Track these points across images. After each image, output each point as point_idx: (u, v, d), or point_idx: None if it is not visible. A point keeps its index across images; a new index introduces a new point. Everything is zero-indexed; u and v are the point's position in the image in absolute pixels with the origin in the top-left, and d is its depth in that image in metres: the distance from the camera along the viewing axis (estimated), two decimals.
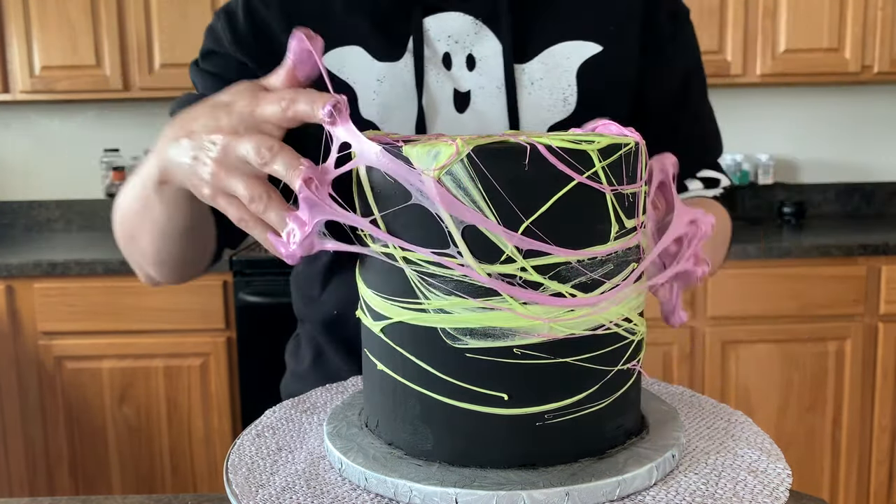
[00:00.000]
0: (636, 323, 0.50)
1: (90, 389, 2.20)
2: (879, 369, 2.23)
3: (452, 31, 0.79)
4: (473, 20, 0.79)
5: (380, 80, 0.78)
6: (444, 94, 0.79)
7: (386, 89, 0.78)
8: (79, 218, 2.83)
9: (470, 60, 0.79)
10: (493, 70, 0.79)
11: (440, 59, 0.79)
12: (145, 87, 2.43)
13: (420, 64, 0.78)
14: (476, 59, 0.79)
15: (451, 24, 0.79)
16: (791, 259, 2.19)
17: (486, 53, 0.79)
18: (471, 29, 0.79)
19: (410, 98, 0.78)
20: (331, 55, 0.79)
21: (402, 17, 0.79)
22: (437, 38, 0.79)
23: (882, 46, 2.41)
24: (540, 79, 0.79)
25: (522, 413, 0.46)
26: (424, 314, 0.46)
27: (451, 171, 0.44)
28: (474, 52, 0.79)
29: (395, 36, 0.79)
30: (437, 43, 0.79)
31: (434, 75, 0.79)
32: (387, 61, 0.79)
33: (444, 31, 0.79)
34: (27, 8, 2.39)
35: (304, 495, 0.47)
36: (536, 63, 0.79)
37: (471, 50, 0.79)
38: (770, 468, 0.49)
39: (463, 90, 0.79)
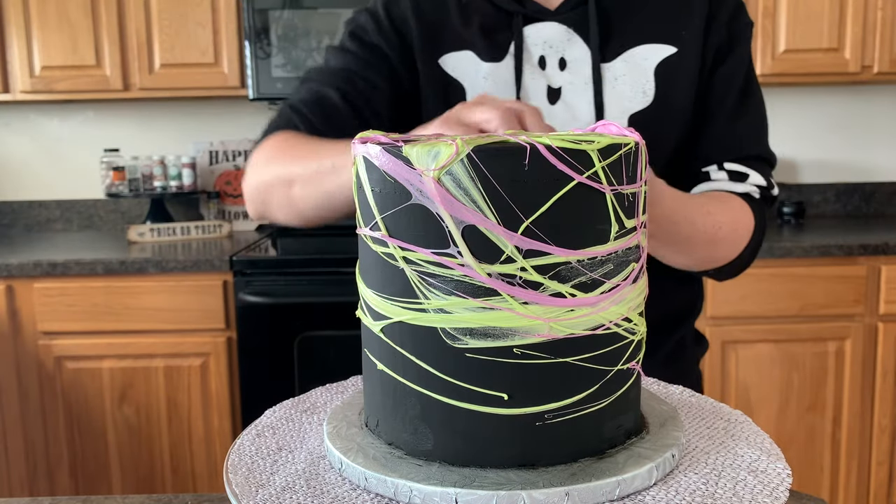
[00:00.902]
0: (636, 323, 0.50)
1: (90, 389, 2.20)
2: (879, 369, 2.23)
3: (548, 37, 0.93)
4: (566, 29, 0.93)
5: (485, 77, 0.93)
6: (538, 89, 0.93)
7: (490, 86, 0.92)
8: (79, 218, 2.83)
9: (562, 62, 0.93)
10: (581, 69, 0.92)
11: (536, 61, 0.93)
12: (145, 87, 2.43)
13: (519, 65, 0.92)
14: (567, 62, 0.93)
15: (546, 32, 0.93)
16: (791, 259, 2.19)
17: (576, 56, 0.92)
18: (563, 36, 0.93)
19: (509, 92, 0.92)
20: (448, 57, 0.94)
21: (506, 26, 0.93)
22: (535, 44, 0.93)
23: (882, 46, 2.41)
24: (623, 75, 0.92)
25: (522, 413, 0.46)
26: (424, 314, 0.46)
27: (451, 171, 0.44)
28: (566, 55, 0.93)
29: (499, 42, 0.93)
30: (534, 48, 0.93)
31: (530, 74, 0.93)
32: (491, 62, 0.93)
33: (541, 37, 0.93)
34: (27, 8, 2.39)
35: (304, 495, 0.47)
36: (619, 62, 0.92)
37: (563, 54, 0.93)
38: (770, 468, 0.49)
39: (555, 86, 0.93)
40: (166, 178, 2.62)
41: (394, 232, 0.47)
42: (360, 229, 0.50)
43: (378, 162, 0.47)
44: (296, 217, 0.87)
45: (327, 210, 0.84)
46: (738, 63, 0.95)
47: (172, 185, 2.63)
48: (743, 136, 0.95)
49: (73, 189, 2.82)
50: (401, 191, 0.46)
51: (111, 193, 2.61)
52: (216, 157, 2.81)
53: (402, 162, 0.46)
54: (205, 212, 2.83)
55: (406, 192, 0.46)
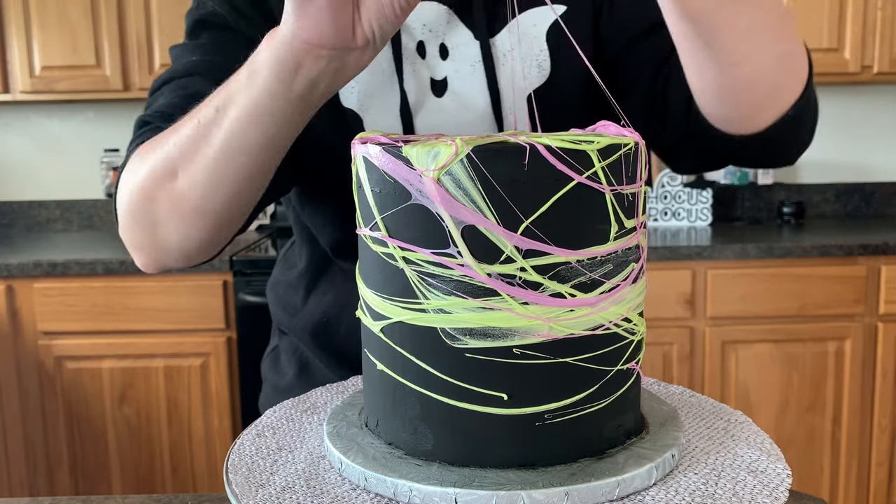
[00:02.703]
0: (636, 323, 0.50)
1: (90, 389, 2.20)
2: (879, 369, 2.23)
3: (427, 19, 0.79)
4: (447, 10, 0.79)
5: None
6: (421, 81, 0.79)
7: (365, 77, 0.78)
8: (79, 218, 2.83)
9: (443, 49, 0.79)
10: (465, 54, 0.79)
11: (414, 47, 0.79)
12: (145, 87, 2.43)
13: (399, 51, 0.78)
14: (449, 49, 0.79)
15: (425, 14, 0.79)
16: (791, 259, 2.19)
17: (458, 42, 0.79)
18: (443, 18, 0.79)
19: (390, 85, 0.78)
20: None
21: None
22: (413, 27, 0.79)
23: (882, 46, 2.41)
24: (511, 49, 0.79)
25: (522, 413, 0.46)
26: (424, 314, 0.46)
27: (451, 171, 0.44)
28: (446, 41, 0.79)
29: None
30: (413, 31, 0.79)
31: (410, 64, 0.79)
32: None
33: (419, 19, 0.79)
34: (27, 8, 2.39)
35: (303, 495, 0.47)
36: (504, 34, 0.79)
37: (443, 39, 0.79)
38: (770, 468, 0.49)
39: (438, 78, 0.79)
40: None
41: (393, 232, 0.47)
42: (360, 229, 0.50)
43: (378, 162, 0.47)
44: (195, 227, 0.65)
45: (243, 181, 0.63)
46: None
47: None
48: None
49: (73, 189, 2.82)
50: (400, 191, 0.46)
51: (111, 193, 2.61)
52: None
53: (401, 162, 0.46)
54: None
55: (406, 192, 0.46)
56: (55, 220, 2.82)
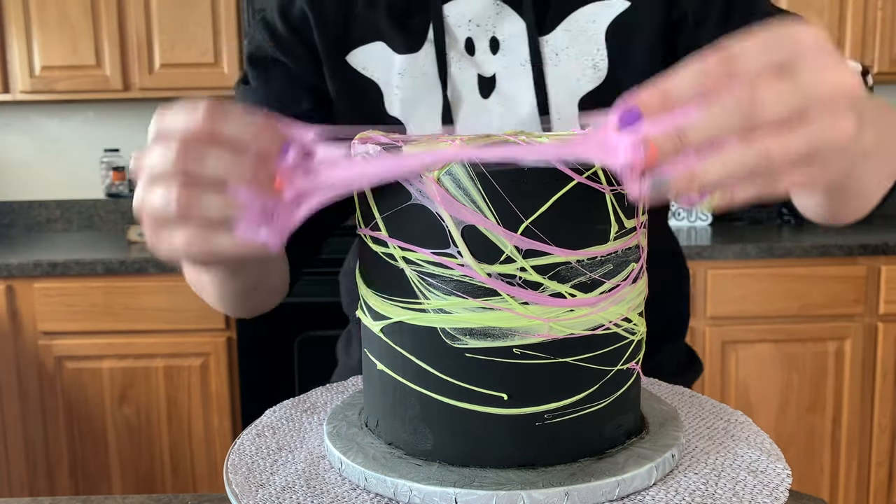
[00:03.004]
0: (636, 323, 0.50)
1: (90, 389, 2.20)
2: (879, 369, 2.23)
3: (473, 14, 0.76)
4: (494, 1, 0.76)
5: (401, 73, 0.76)
6: (467, 80, 0.76)
7: (408, 83, 0.76)
8: (79, 218, 2.83)
9: (493, 43, 0.76)
10: (517, 49, 0.75)
11: (462, 45, 0.76)
12: (145, 87, 2.43)
13: (442, 52, 0.75)
14: (500, 41, 0.76)
15: (471, 8, 0.76)
16: (791, 259, 2.19)
17: (510, 33, 0.76)
18: (492, 10, 0.76)
19: (433, 89, 0.76)
20: (355, 54, 0.77)
21: (421, 7, 0.76)
22: (458, 24, 0.76)
23: (882, 46, 2.41)
24: (565, 48, 0.75)
25: (522, 413, 0.46)
26: (424, 314, 0.46)
27: (451, 171, 0.44)
28: (497, 33, 0.76)
29: (415, 26, 0.76)
30: (458, 29, 0.76)
31: (457, 62, 0.76)
32: (405, 53, 0.76)
33: (465, 15, 0.76)
34: (27, 8, 2.39)
35: (303, 495, 0.47)
36: (560, 32, 0.75)
37: (493, 32, 0.76)
38: (770, 468, 0.49)
39: (487, 75, 0.76)
40: None
41: (394, 232, 0.47)
42: (360, 229, 0.50)
43: None
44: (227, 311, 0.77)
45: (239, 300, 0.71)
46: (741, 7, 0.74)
47: None
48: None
49: (73, 189, 2.82)
50: (401, 191, 0.46)
51: (111, 193, 2.61)
52: None
53: None
54: None
55: (406, 192, 0.46)
56: (55, 220, 2.82)
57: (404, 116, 0.76)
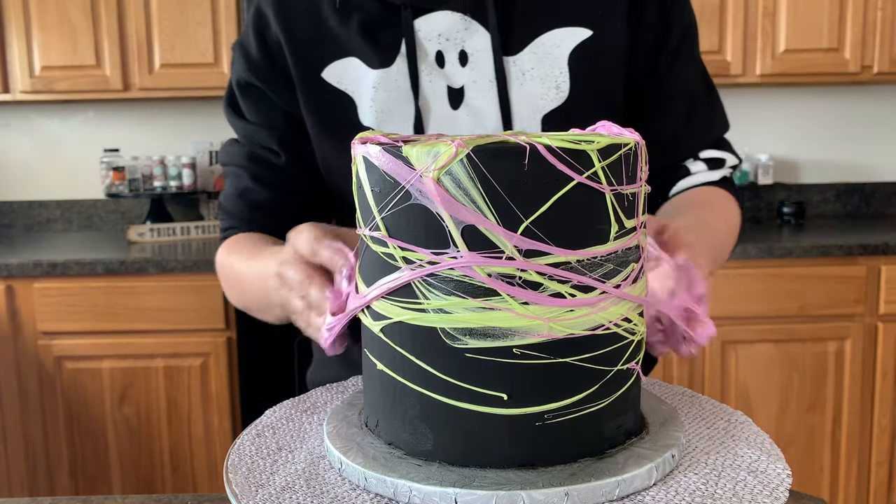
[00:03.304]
0: (636, 323, 0.50)
1: (90, 389, 2.20)
2: (879, 369, 2.23)
3: (443, 29, 0.81)
4: (462, 16, 0.80)
5: (375, 87, 0.81)
6: (438, 92, 0.81)
7: (382, 96, 0.81)
8: (79, 218, 2.83)
9: (462, 56, 0.81)
10: (485, 63, 0.80)
11: (433, 58, 0.81)
12: (145, 87, 2.43)
13: (414, 66, 0.80)
14: (468, 54, 0.81)
15: (440, 23, 0.80)
16: (791, 259, 2.19)
17: (478, 47, 0.80)
18: (460, 25, 0.80)
19: (406, 100, 0.81)
20: (331, 69, 0.83)
21: (393, 23, 0.81)
22: (429, 38, 0.81)
23: (882, 46, 2.41)
24: (531, 69, 0.80)
25: (522, 413, 0.46)
26: (424, 314, 0.46)
27: (451, 171, 0.44)
28: (465, 47, 0.81)
29: (387, 42, 0.81)
30: (428, 43, 0.81)
31: (427, 75, 0.81)
32: (379, 68, 0.81)
33: (435, 30, 0.81)
34: (27, 8, 2.39)
35: (303, 495, 0.47)
36: (527, 54, 0.80)
37: (462, 45, 0.81)
38: (770, 468, 0.49)
39: (456, 87, 0.81)
40: (166, 178, 2.62)
41: (393, 232, 0.47)
42: (360, 229, 0.50)
43: (378, 162, 0.47)
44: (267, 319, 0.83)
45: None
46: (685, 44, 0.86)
47: (172, 185, 2.63)
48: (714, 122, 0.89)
49: (73, 189, 2.82)
50: (400, 191, 0.46)
51: (111, 193, 2.61)
52: (216, 157, 2.80)
53: (401, 162, 0.46)
54: (205, 212, 2.82)
55: (406, 192, 0.46)
56: (55, 220, 2.82)
57: (378, 126, 0.82)
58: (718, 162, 0.88)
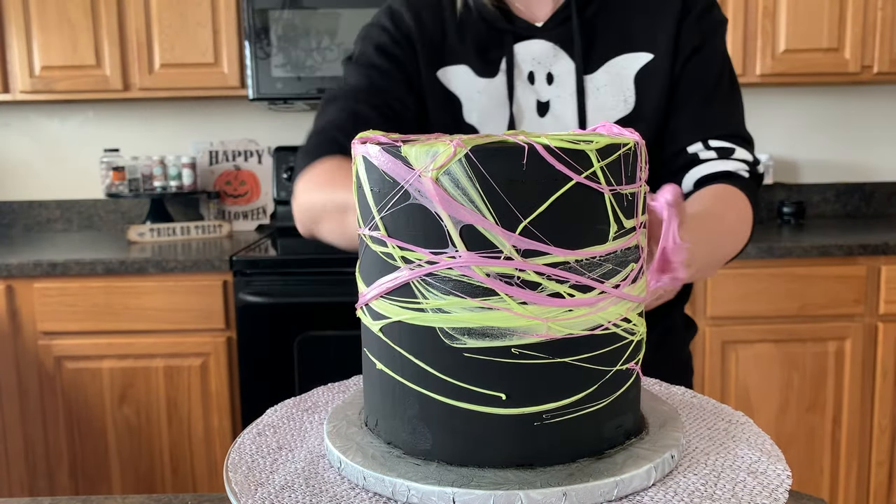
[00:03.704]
0: (635, 323, 0.50)
1: (90, 389, 2.20)
2: (879, 369, 2.23)
3: (536, 54, 0.99)
4: (553, 45, 0.98)
5: (480, 92, 0.98)
6: (528, 103, 0.98)
7: (484, 100, 0.98)
8: (79, 218, 2.83)
9: (549, 77, 0.98)
10: (567, 83, 0.98)
11: (526, 76, 0.98)
12: (145, 87, 2.43)
13: (511, 81, 0.98)
14: (554, 76, 0.98)
15: (535, 49, 0.99)
16: (791, 259, 2.19)
17: (562, 71, 0.98)
18: (550, 52, 0.98)
19: (503, 107, 0.98)
20: (445, 71, 0.99)
21: (498, 44, 0.99)
22: (524, 60, 0.99)
23: (882, 46, 2.41)
24: (604, 85, 0.97)
25: (521, 413, 0.46)
26: (423, 314, 0.46)
27: (449, 171, 0.44)
28: (553, 70, 0.98)
29: (492, 58, 0.99)
30: (524, 64, 0.99)
31: (521, 89, 0.98)
32: (485, 77, 0.99)
33: (530, 54, 0.99)
34: (27, 8, 2.39)
35: (302, 494, 0.47)
36: (601, 73, 0.97)
37: (550, 69, 0.98)
38: (769, 469, 0.49)
39: (543, 100, 0.98)
40: (166, 178, 2.62)
41: (392, 232, 0.47)
42: (360, 229, 0.50)
43: (377, 162, 0.47)
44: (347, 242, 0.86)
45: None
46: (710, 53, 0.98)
47: (172, 185, 2.63)
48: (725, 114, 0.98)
49: (73, 189, 2.82)
50: (399, 191, 0.46)
51: (111, 193, 2.61)
52: (216, 157, 2.81)
53: (400, 162, 0.46)
54: (205, 212, 2.83)
55: (405, 191, 0.46)
56: (55, 220, 2.82)
57: (479, 124, 0.98)
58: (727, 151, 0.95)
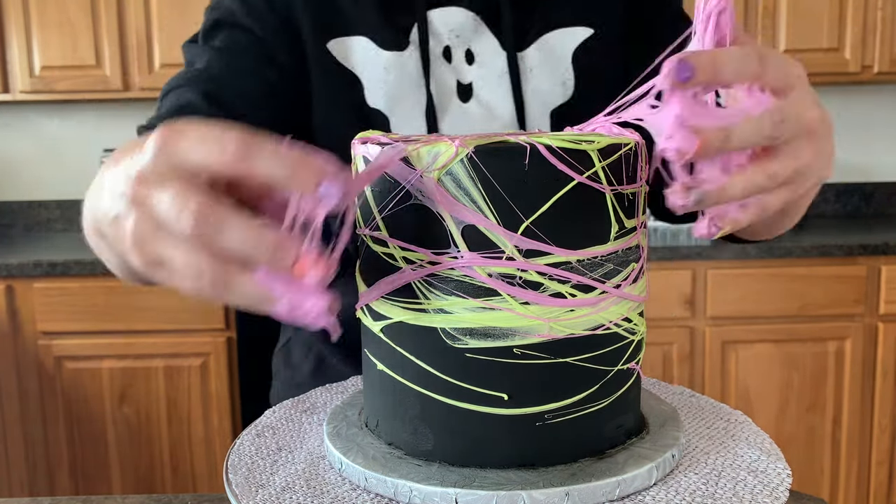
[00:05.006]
0: (636, 323, 0.50)
1: (90, 389, 2.20)
2: (879, 369, 2.23)
3: (454, 25, 0.81)
4: (474, 17, 0.81)
5: (387, 69, 0.80)
6: (448, 84, 0.81)
7: (392, 79, 0.80)
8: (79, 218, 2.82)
9: (469, 55, 0.81)
10: (492, 62, 0.81)
11: (440, 51, 0.81)
12: (145, 87, 2.43)
13: (426, 55, 0.80)
14: (475, 54, 0.81)
15: (453, 19, 0.81)
16: (791, 259, 2.19)
17: (484, 49, 0.81)
18: (471, 25, 0.81)
19: (417, 87, 0.80)
20: (336, 43, 0.80)
21: (406, 9, 0.80)
22: (440, 31, 0.81)
23: (882, 46, 2.41)
24: (537, 65, 0.82)
25: (522, 413, 0.46)
26: (424, 314, 0.46)
27: (451, 171, 0.44)
28: (472, 47, 0.82)
29: (400, 27, 0.80)
30: (439, 35, 0.81)
31: (438, 66, 0.81)
32: (393, 51, 0.80)
33: (447, 24, 0.81)
34: (27, 8, 2.39)
35: (303, 495, 0.47)
36: (532, 51, 0.82)
37: (469, 45, 0.82)
38: (770, 468, 0.49)
39: (465, 82, 0.82)
40: None
41: (394, 232, 0.47)
42: (360, 229, 0.50)
43: None
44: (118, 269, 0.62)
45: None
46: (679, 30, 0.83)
47: None
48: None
49: (73, 189, 2.82)
50: (401, 191, 0.46)
51: None
52: None
53: (402, 162, 0.46)
54: None
55: (406, 192, 0.46)
56: (55, 220, 2.82)
57: (388, 109, 0.80)
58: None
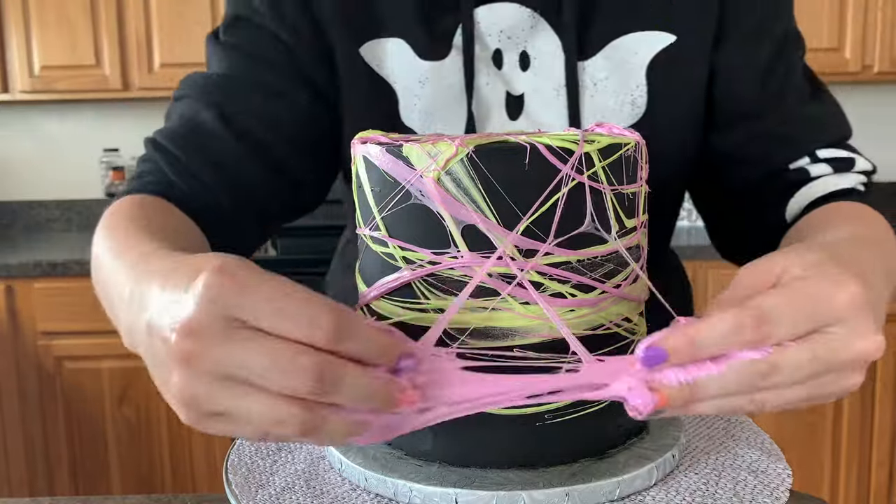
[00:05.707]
0: (636, 323, 0.50)
1: (90, 389, 2.20)
2: (879, 370, 2.23)
3: (506, 24, 0.68)
4: (531, 13, 0.68)
5: (421, 82, 0.68)
6: (495, 97, 0.69)
7: (429, 93, 0.68)
8: (79, 218, 2.82)
9: (523, 58, 0.68)
10: (551, 70, 0.68)
11: (490, 56, 0.68)
12: (145, 86, 2.43)
13: (470, 63, 0.68)
14: (531, 58, 0.68)
15: (504, 17, 0.68)
16: None
17: (543, 51, 0.68)
18: (526, 22, 0.68)
19: (458, 102, 0.68)
20: (370, 46, 0.68)
21: (450, 7, 0.68)
22: (488, 33, 0.68)
23: (882, 46, 2.41)
24: (604, 78, 0.68)
25: (522, 413, 0.46)
26: (424, 314, 0.46)
27: (451, 171, 0.44)
28: (528, 48, 0.68)
29: (441, 29, 0.68)
30: (488, 38, 0.68)
31: (484, 76, 0.68)
32: (431, 60, 0.68)
33: (496, 24, 0.68)
34: (27, 8, 2.39)
35: (303, 495, 0.47)
36: (599, 59, 0.68)
37: (525, 47, 0.68)
38: (770, 468, 0.49)
39: (516, 93, 0.69)
40: None
41: (393, 232, 0.47)
42: (360, 229, 0.50)
43: (378, 162, 0.47)
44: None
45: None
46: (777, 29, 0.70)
47: None
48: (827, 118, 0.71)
49: (72, 189, 2.82)
50: (401, 191, 0.46)
51: (111, 193, 2.61)
52: None
53: (401, 162, 0.45)
54: None
55: (406, 191, 0.46)
56: (55, 220, 2.82)
57: (422, 127, 0.69)
58: (847, 163, 0.71)
